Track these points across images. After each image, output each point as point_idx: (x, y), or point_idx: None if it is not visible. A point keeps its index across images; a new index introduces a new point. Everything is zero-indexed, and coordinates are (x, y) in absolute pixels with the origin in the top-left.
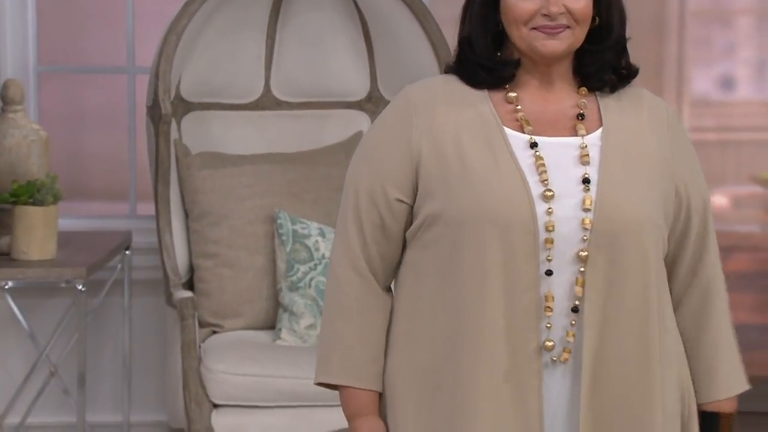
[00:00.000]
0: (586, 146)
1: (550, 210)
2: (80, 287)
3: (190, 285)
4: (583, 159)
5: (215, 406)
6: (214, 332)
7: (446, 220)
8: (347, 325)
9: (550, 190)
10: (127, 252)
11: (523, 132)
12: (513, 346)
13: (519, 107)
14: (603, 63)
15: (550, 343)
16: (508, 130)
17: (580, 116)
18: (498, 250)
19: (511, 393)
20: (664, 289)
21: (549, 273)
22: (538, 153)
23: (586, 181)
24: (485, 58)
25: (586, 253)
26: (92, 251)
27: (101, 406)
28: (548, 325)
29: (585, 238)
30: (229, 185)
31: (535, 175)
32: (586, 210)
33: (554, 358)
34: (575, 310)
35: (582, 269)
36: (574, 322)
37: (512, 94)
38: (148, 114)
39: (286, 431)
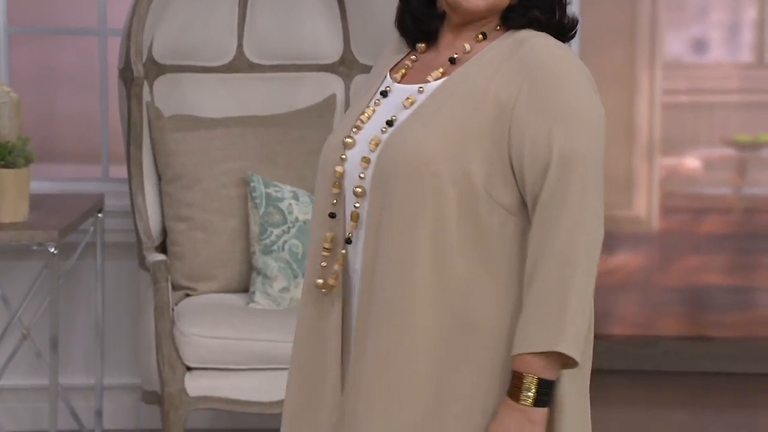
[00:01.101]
0: (422, 90)
1: (343, 157)
2: (52, 250)
3: (163, 248)
4: (405, 103)
5: (188, 368)
6: (188, 295)
7: None
8: None
9: (350, 137)
10: (99, 215)
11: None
12: (311, 281)
13: (413, 57)
14: (528, 18)
15: (319, 281)
16: (388, 79)
17: (451, 60)
18: (316, 194)
19: (314, 324)
20: (456, 241)
21: (332, 215)
22: (377, 100)
23: (389, 123)
24: (416, 8)
25: (360, 189)
26: (64, 214)
27: (74, 369)
28: (323, 264)
29: (361, 175)
30: (202, 148)
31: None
32: (371, 150)
33: (324, 291)
34: (348, 241)
35: (357, 205)
36: (344, 251)
37: (420, 45)
38: (120, 76)
39: (260, 393)
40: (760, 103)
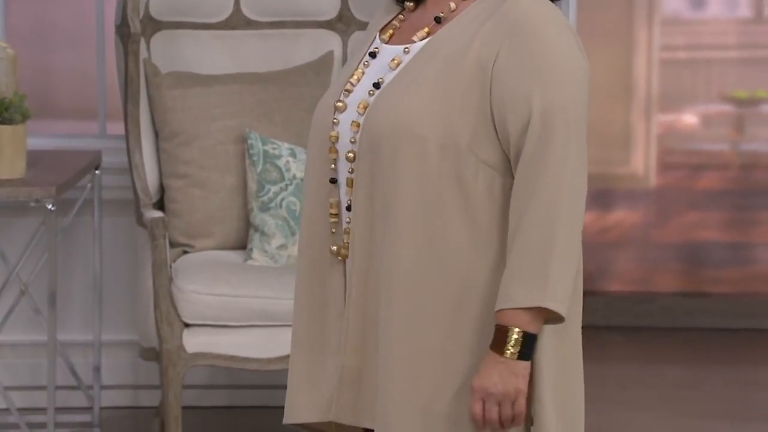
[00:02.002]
0: (408, 51)
1: (336, 120)
2: (50, 207)
3: (160, 205)
4: (391, 64)
5: (186, 325)
6: (185, 252)
7: None
8: None
9: (341, 101)
10: (97, 172)
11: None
12: (314, 251)
13: (402, 16)
14: None
15: (333, 248)
16: (377, 40)
17: (437, 19)
18: (309, 157)
19: (318, 296)
20: (444, 202)
21: (333, 181)
22: (366, 61)
23: (376, 85)
24: None
25: (352, 155)
26: (62, 170)
27: (72, 325)
28: (333, 231)
29: (353, 140)
30: (200, 105)
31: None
32: (360, 114)
33: (339, 258)
34: (349, 208)
35: (351, 170)
36: (349, 220)
37: (409, 3)
38: (117, 32)
39: (257, 350)
40: (759, 59)
